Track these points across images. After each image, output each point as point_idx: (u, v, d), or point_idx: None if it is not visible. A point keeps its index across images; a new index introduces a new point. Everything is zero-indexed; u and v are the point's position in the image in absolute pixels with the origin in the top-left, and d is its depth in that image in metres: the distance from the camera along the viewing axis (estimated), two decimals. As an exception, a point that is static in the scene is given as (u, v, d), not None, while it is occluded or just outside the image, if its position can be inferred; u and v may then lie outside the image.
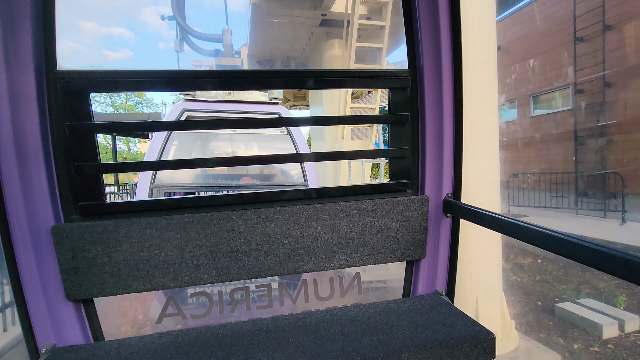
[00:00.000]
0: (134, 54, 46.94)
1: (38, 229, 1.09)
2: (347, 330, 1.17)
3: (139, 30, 48.68)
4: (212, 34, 9.94)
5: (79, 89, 1.11)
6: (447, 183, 1.39)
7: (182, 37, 9.89)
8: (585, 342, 4.24)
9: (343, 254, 1.33)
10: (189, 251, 1.20)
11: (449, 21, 1.29)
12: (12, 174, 1.04)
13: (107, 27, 46.49)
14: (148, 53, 51.24)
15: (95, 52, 43.13)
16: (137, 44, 49.64)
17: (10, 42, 1.01)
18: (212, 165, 1.35)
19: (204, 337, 1.17)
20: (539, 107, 12.19)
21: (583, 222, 8.54)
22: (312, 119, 1.49)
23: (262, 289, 1.47)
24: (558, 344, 4.20)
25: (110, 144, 11.64)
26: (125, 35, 47.43)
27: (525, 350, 3.52)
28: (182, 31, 9.82)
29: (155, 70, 1.16)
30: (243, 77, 1.28)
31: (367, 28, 9.09)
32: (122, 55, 45.76)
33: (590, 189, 9.81)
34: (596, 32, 9.69)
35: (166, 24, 10.51)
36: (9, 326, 2.97)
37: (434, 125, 1.37)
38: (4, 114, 1.02)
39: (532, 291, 5.94)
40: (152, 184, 3.30)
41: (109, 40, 45.44)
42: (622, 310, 4.69)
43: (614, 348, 4.10)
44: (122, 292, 1.17)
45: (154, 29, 50.20)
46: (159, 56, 50.50)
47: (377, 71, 1.38)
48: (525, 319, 4.90)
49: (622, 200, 8.62)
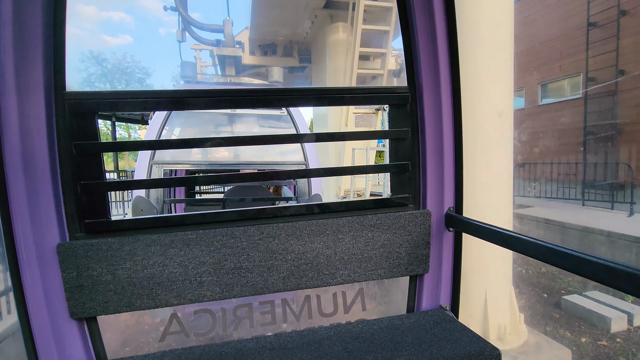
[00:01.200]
0: (134, 40, 46.00)
1: (44, 247, 1.10)
2: (351, 348, 1.17)
3: (138, 14, 47.55)
4: (213, 25, 9.82)
5: (86, 110, 1.14)
6: (448, 197, 1.42)
7: (184, 28, 9.77)
8: (593, 336, 4.20)
9: (346, 269, 1.34)
10: (192, 268, 1.20)
11: (447, 38, 1.33)
12: (19, 192, 1.05)
13: (106, 11, 45.41)
14: (148, 38, 50.30)
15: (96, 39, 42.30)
16: (137, 29, 48.61)
17: (21, 64, 1.04)
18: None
19: (207, 356, 1.16)
20: (548, 95, 11.93)
21: (589, 214, 8.39)
22: (316, 136, 1.52)
23: (265, 305, 1.48)
24: (565, 338, 4.17)
25: (110, 129, 11.48)
26: (125, 20, 46.41)
27: (534, 344, 3.46)
28: (184, 21, 9.67)
29: (159, 90, 1.21)
30: (247, 95, 1.30)
31: (373, 10, 8.80)
32: (121, 41, 44.85)
33: (598, 180, 9.67)
34: (610, 18, 9.36)
35: (166, 10, 10.28)
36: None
37: (434, 140, 1.40)
38: (13, 133, 1.04)
39: (537, 283, 5.89)
40: (152, 160, 3.29)
41: (108, 25, 44.51)
42: (630, 304, 4.63)
43: (622, 342, 4.06)
44: (125, 310, 1.17)
45: (154, 14, 49.10)
46: (159, 40, 49.55)
47: (377, 88, 1.41)
48: (531, 312, 4.86)
49: (630, 192, 8.49)
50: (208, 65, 12.73)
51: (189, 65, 8.62)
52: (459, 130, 1.38)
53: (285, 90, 1.34)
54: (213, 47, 10.32)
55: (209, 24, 9.84)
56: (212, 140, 1.29)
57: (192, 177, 2.24)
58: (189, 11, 9.77)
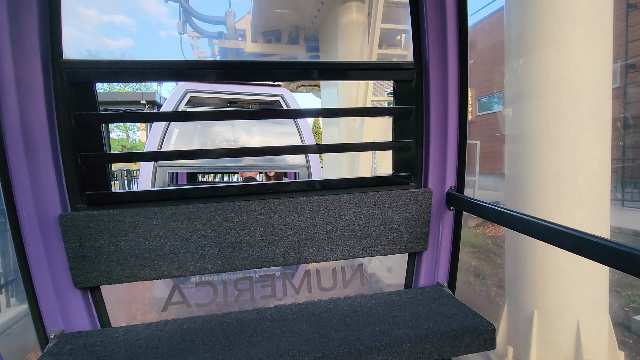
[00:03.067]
0: (135, 43, 46.68)
1: (46, 218, 1.12)
2: (349, 321, 1.20)
3: (139, 17, 48.10)
4: (215, 17, 9.72)
5: (84, 79, 1.12)
6: (450, 176, 1.42)
7: (185, 19, 9.71)
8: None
9: (346, 245, 1.35)
10: (194, 241, 1.22)
11: (456, 12, 1.29)
12: (19, 164, 1.06)
13: (107, 14, 46.20)
14: (149, 41, 50.77)
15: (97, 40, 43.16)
16: (138, 32, 49.25)
17: (16, 32, 1.02)
18: (215, 156, 1.33)
19: (209, 325, 1.19)
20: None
21: (631, 215, 7.39)
22: (318, 111, 1.52)
23: (265, 279, 1.50)
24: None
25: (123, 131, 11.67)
26: (126, 22, 47.02)
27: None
28: (186, 13, 9.60)
29: (160, 60, 1.18)
30: (247, 67, 1.27)
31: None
32: (122, 44, 45.55)
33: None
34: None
35: (167, 11, 10.18)
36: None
37: (439, 118, 1.38)
38: (11, 104, 1.04)
39: None
40: (156, 162, 3.40)
41: (110, 28, 45.29)
42: None
43: None
44: (128, 280, 1.19)
45: (154, 17, 49.48)
46: (159, 42, 50.02)
47: (382, 63, 1.39)
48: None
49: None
50: (207, 55, 12.21)
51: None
52: (464, 108, 1.36)
53: (287, 63, 1.33)
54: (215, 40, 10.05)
55: (211, 16, 9.74)
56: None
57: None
58: (190, 1, 9.63)
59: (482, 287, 5.17)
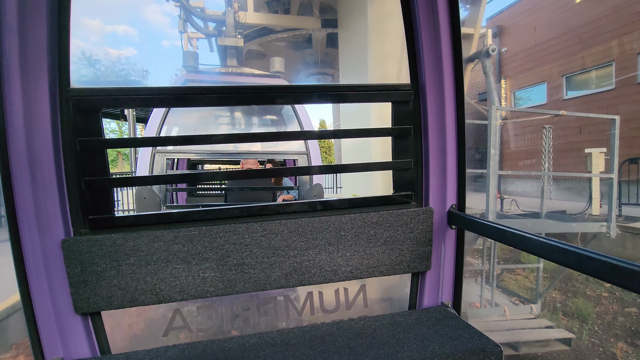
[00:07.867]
0: (137, 52, 47.93)
1: (48, 242, 1.12)
2: (353, 344, 1.18)
3: (142, 27, 49.66)
4: (215, 14, 9.82)
5: (90, 106, 1.15)
6: (451, 195, 1.43)
7: (185, 18, 9.83)
8: None
9: (348, 266, 1.34)
10: (195, 264, 1.22)
11: (450, 36, 1.34)
12: (24, 188, 1.08)
13: (111, 24, 47.60)
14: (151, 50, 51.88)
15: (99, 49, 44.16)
16: (140, 41, 50.71)
17: (25, 60, 1.05)
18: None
19: (211, 351, 1.18)
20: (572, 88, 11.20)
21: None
22: (319, 133, 1.68)
23: (268, 301, 1.49)
24: None
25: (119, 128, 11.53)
26: (129, 32, 48.37)
27: None
28: (186, 12, 9.69)
29: (163, 87, 1.22)
30: (249, 93, 1.32)
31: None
32: (125, 53, 46.70)
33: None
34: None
35: (169, 22, 10.32)
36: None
37: (437, 137, 1.40)
38: (18, 129, 1.05)
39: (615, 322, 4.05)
40: (154, 149, 3.33)
41: (113, 38, 46.51)
42: None
43: None
44: (129, 305, 1.19)
45: (157, 27, 51.10)
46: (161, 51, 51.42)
47: (380, 85, 1.42)
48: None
49: None
50: (200, 37, 11.45)
51: (190, 55, 8.48)
52: (462, 127, 1.38)
53: (287, 87, 1.37)
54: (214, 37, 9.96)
55: (211, 14, 9.85)
56: (216, 136, 1.32)
57: (195, 173, 2.29)
58: (190, 0, 9.62)
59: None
